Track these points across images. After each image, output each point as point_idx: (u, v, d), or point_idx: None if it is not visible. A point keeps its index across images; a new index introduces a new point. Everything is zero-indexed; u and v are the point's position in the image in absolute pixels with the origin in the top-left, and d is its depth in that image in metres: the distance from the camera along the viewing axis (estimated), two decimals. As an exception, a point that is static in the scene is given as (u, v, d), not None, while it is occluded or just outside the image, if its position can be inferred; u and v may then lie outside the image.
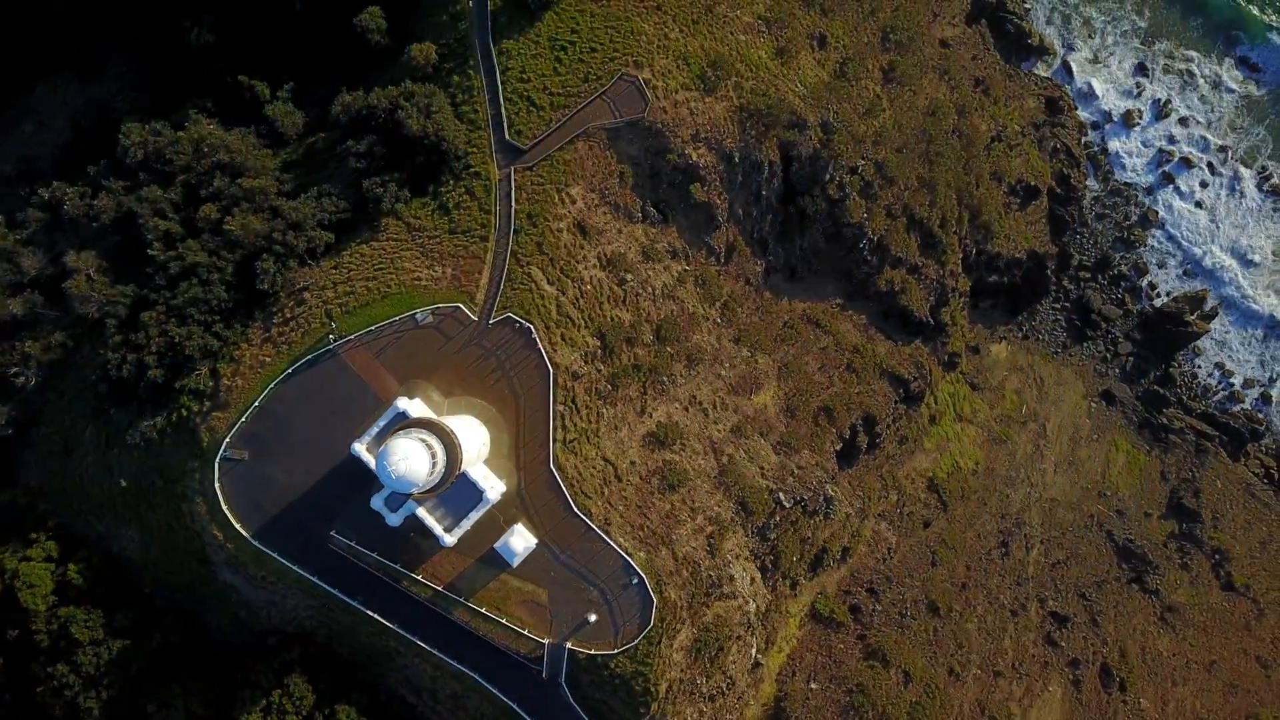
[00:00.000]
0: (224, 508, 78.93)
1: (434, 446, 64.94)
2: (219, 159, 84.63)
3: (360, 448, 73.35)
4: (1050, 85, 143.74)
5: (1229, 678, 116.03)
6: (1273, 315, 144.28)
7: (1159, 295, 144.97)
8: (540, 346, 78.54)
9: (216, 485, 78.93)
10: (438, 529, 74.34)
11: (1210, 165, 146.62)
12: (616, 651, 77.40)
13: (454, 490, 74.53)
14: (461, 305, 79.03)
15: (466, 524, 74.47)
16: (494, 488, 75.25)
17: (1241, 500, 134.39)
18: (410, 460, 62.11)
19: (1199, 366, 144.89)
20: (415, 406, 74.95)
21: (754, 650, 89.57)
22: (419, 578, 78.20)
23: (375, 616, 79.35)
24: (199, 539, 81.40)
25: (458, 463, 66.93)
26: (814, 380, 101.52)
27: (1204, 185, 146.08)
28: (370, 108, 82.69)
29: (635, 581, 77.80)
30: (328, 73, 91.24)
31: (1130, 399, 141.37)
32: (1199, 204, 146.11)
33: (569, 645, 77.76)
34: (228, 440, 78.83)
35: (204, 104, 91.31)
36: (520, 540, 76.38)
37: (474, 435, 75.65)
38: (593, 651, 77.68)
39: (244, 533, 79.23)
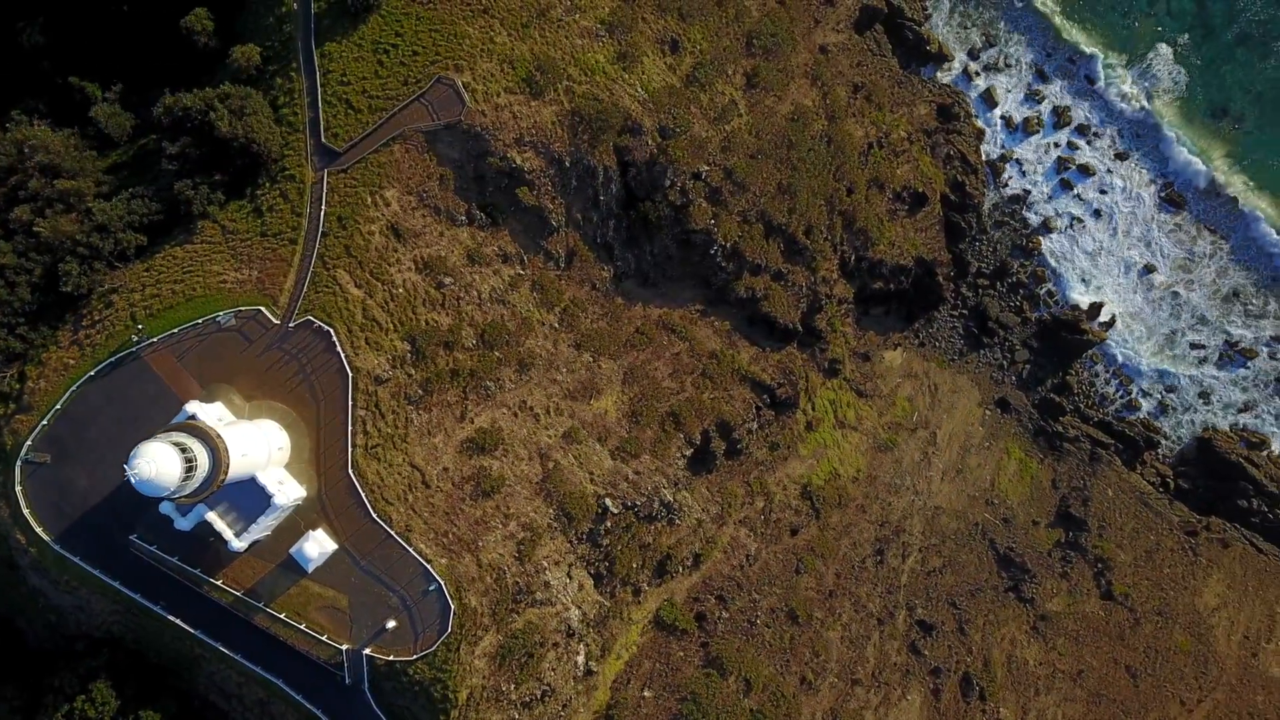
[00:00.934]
0: (25, 511, 78.43)
1: (193, 451, 64.37)
2: (40, 160, 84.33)
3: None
4: (945, 92, 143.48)
5: (1096, 687, 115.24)
6: (1170, 324, 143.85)
7: (1057, 303, 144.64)
8: (340, 350, 78.02)
9: (18, 488, 78.39)
10: (228, 533, 73.88)
11: (1109, 172, 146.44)
12: (415, 658, 76.80)
13: (251, 495, 74.16)
14: (263, 308, 78.59)
15: (255, 529, 73.99)
16: (286, 493, 74.72)
17: (1133, 509, 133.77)
18: (157, 464, 61.51)
19: (1096, 375, 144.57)
20: (210, 409, 74.48)
21: (581, 658, 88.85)
22: (218, 583, 77.64)
23: (177, 622, 78.84)
24: (4, 543, 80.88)
25: (222, 468, 66.34)
26: (663, 386, 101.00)
27: (1103, 192, 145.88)
28: (185, 109, 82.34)
29: (434, 588, 77.22)
30: (164, 75, 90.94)
31: (1026, 407, 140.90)
32: (1097, 212, 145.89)
33: (367, 651, 77.16)
34: (28, 443, 78.31)
35: (36, 106, 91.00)
36: (315, 546, 75.85)
37: (270, 440, 75.15)
38: (391, 658, 77.11)
39: (45, 537, 78.67)
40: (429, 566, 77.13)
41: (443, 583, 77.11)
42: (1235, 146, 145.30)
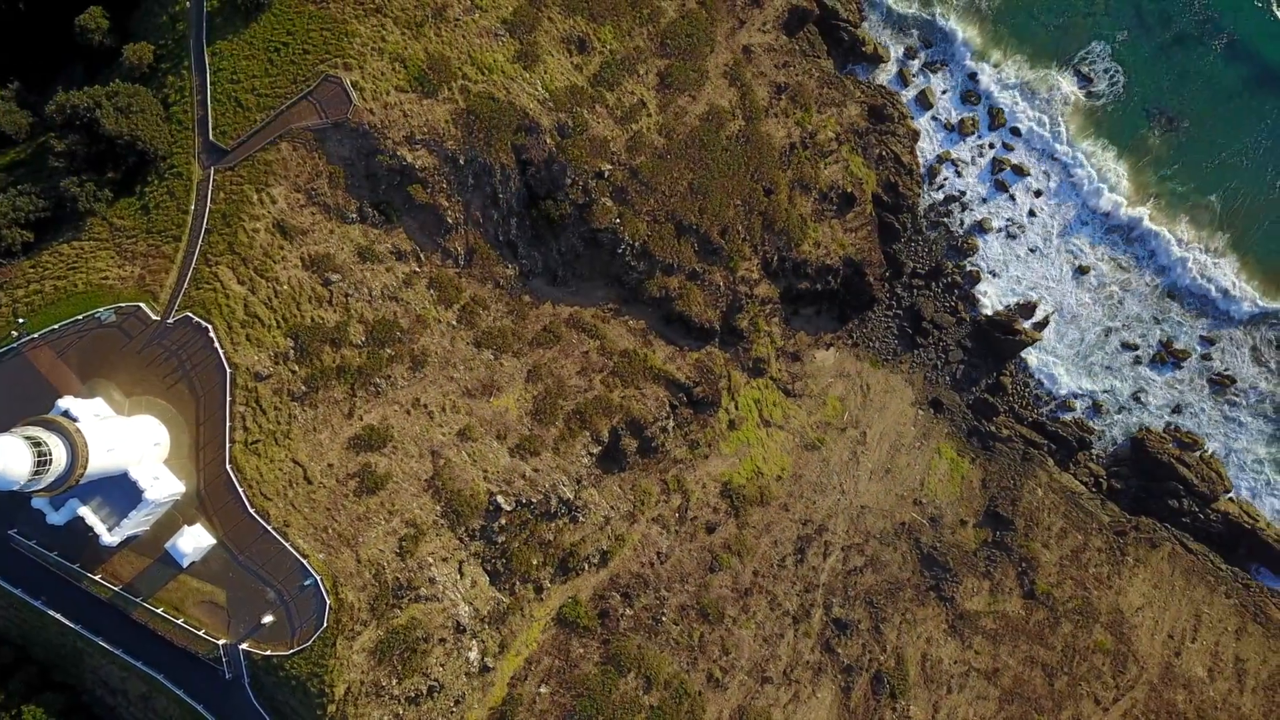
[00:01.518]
0: (-94, 506, 78.83)
1: (47, 445, 64.76)
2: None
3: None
4: (880, 93, 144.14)
5: (1010, 686, 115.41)
6: (1104, 324, 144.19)
7: (991, 304, 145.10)
8: (218, 346, 78.42)
9: (-100, 483, 78.61)
10: (100, 528, 74.22)
11: (1045, 173, 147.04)
12: (291, 653, 77.09)
13: (127, 490, 74.58)
14: (143, 305, 78.98)
15: (128, 524, 74.33)
16: (160, 488, 75.06)
17: (1063, 509, 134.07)
18: (4, 457, 61.82)
19: (1031, 375, 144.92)
20: (88, 404, 74.83)
21: (475, 654, 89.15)
22: (96, 577, 77.97)
23: (58, 617, 79.20)
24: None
25: (80, 462, 66.72)
26: (569, 384, 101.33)
27: (1038, 194, 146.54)
28: (74, 107, 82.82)
29: (310, 583, 77.52)
30: (63, 73, 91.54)
31: (959, 407, 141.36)
32: (1032, 212, 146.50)
33: (244, 646, 77.48)
34: (-91, 438, 78.59)
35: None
36: (190, 541, 76.20)
37: (145, 435, 75.55)
38: (268, 652, 77.41)
39: (-76, 532, 79.13)
40: (305, 562, 77.46)
41: (319, 578, 77.45)
42: (1167, 148, 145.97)
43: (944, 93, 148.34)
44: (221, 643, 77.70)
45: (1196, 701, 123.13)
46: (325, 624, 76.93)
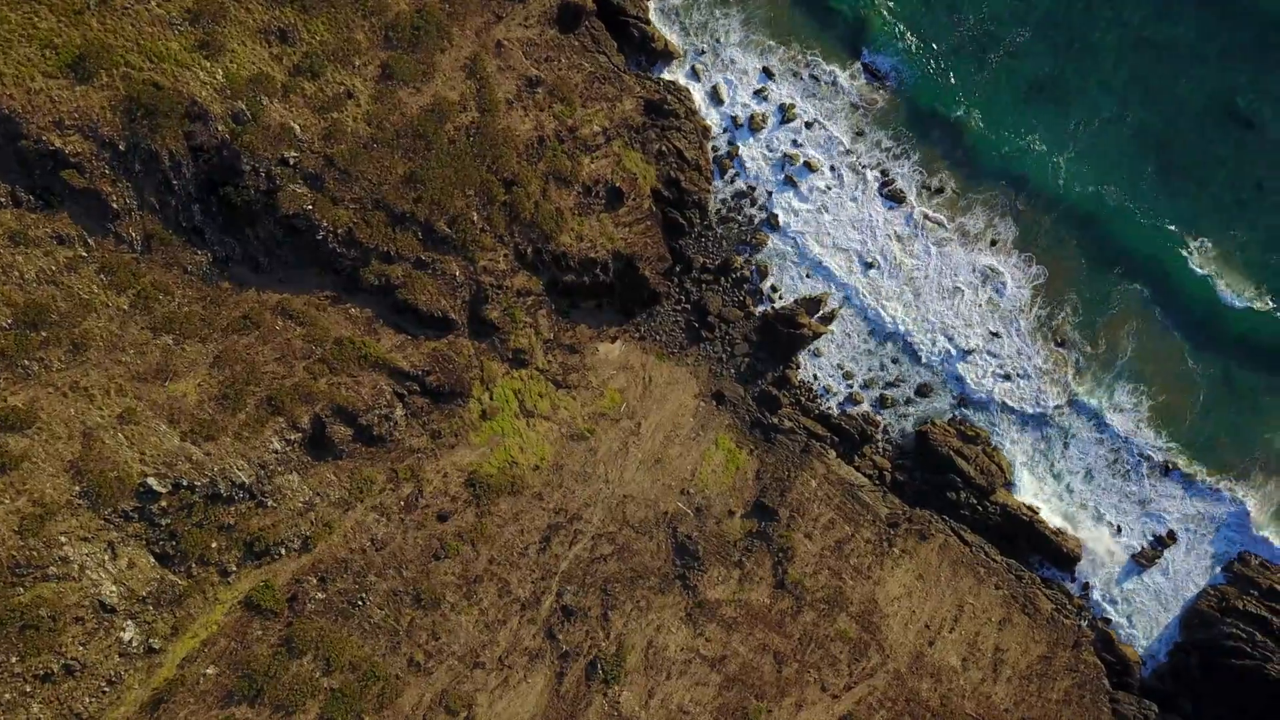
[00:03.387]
0: None
1: None
2: None
3: None
4: (664, 88, 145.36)
5: (735, 673, 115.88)
6: (892, 318, 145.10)
7: (780, 298, 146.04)
8: None
9: None
10: None
11: (833, 169, 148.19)
12: (-107, 629, 78.17)
13: None
14: None
15: None
16: None
17: (837, 500, 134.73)
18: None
19: (819, 368, 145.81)
20: None
21: (130, 635, 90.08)
22: None
23: None
24: None
25: None
26: (264, 371, 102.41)
27: (826, 189, 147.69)
28: None
29: (-87, 559, 78.67)
30: None
31: (742, 399, 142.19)
32: (822, 208, 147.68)
33: None
34: None
35: None
36: None
37: None
38: (-127, 629, 78.51)
39: None
40: (-92, 540, 78.68)
41: (-78, 555, 78.62)
42: (956, 140, 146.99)
43: (735, 87, 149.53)
44: None
45: (943, 690, 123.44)
46: (-74, 600, 78.09)
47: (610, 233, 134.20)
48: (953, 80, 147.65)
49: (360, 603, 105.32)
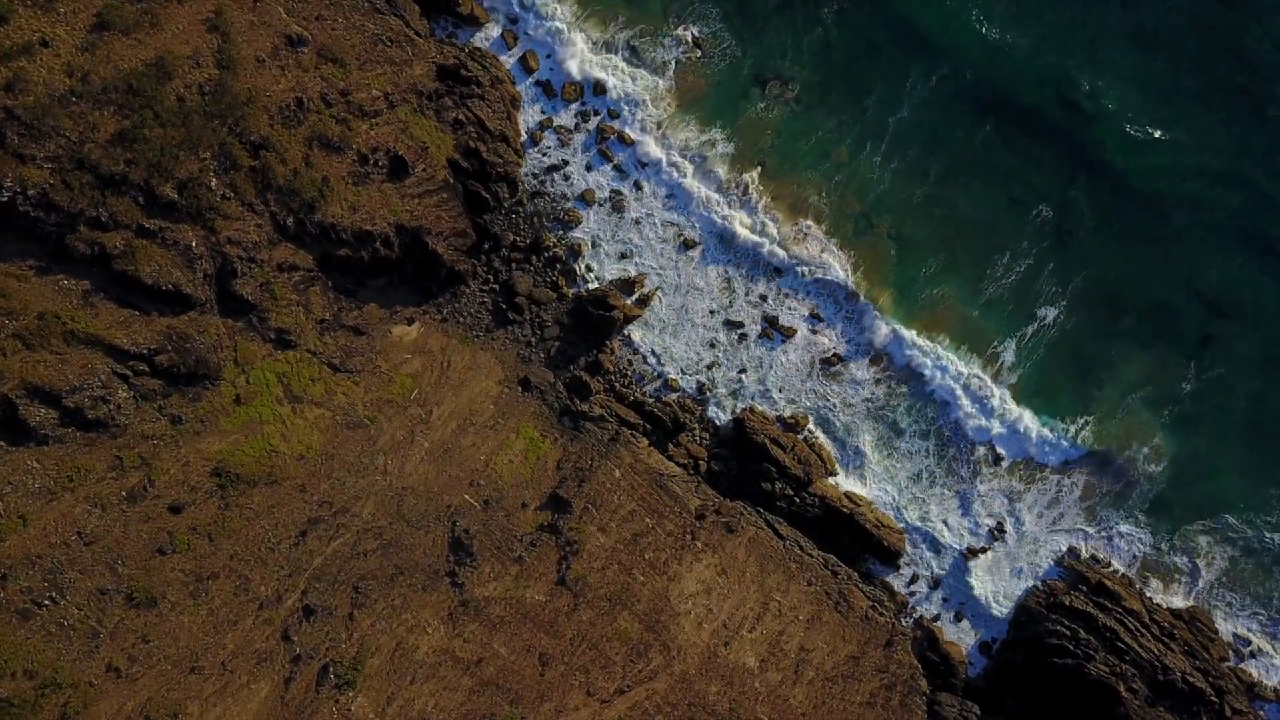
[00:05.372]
0: None
1: None
2: None
3: None
4: (467, 55, 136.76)
5: (492, 676, 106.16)
6: (711, 300, 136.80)
7: (593, 279, 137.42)
8: None
9: None
10: None
11: (651, 143, 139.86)
12: None
13: None
14: None
15: None
16: None
17: (641, 492, 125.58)
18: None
19: (635, 353, 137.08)
20: None
21: None
22: None
23: None
24: None
25: None
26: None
27: (643, 164, 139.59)
28: None
29: None
30: None
31: (551, 386, 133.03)
32: (638, 185, 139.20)
33: None
34: None
35: None
36: None
37: None
38: None
39: None
40: None
41: None
42: (775, 118, 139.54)
43: (547, 56, 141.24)
44: None
45: (734, 693, 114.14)
46: None
47: (394, 204, 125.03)
48: (774, 50, 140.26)
49: (51, 602, 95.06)
